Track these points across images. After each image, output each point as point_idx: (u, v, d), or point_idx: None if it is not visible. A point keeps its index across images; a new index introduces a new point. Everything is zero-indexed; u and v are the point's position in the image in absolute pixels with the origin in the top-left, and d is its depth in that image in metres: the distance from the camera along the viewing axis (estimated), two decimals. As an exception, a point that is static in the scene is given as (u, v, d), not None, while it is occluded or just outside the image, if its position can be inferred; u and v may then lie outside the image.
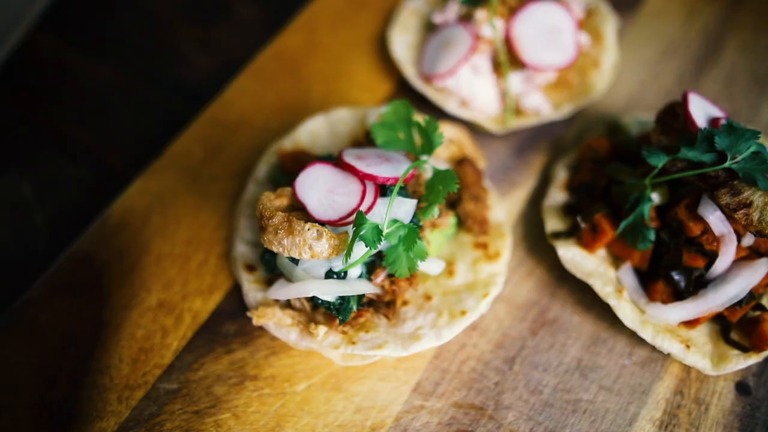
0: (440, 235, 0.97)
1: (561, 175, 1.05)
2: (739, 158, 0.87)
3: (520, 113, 1.12)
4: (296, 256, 0.83)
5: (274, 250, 0.84)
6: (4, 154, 1.21)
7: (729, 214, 0.86)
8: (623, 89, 1.20)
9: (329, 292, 0.86)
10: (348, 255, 0.82)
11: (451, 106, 1.12)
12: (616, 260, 0.97)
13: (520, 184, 1.10)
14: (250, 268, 0.97)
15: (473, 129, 1.13)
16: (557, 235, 0.99)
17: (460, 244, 0.99)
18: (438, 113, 1.14)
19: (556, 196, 1.03)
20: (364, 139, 1.03)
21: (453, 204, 1.00)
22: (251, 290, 0.95)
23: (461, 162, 1.02)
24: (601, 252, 0.98)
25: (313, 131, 1.07)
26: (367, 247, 0.82)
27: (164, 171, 1.11)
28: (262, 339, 0.96)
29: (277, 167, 1.03)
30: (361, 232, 0.81)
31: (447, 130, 1.05)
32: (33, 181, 1.19)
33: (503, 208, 1.04)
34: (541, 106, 1.11)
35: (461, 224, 1.00)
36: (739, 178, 0.87)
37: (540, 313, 0.98)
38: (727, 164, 0.87)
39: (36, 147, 1.22)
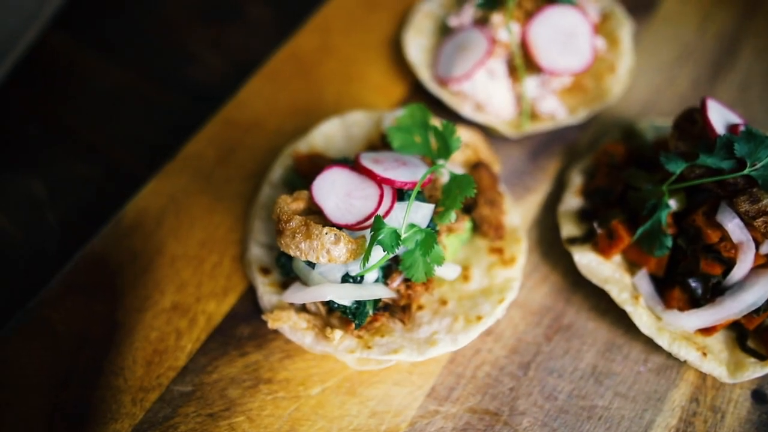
0: (456, 239, 0.96)
1: (576, 180, 1.05)
2: (759, 165, 0.86)
3: (536, 117, 1.11)
4: (313, 260, 0.83)
5: (291, 253, 0.84)
6: (16, 154, 1.21)
7: (748, 221, 0.86)
8: (638, 94, 1.20)
9: (346, 296, 0.85)
10: (366, 259, 0.81)
11: (466, 110, 1.11)
12: (632, 266, 0.97)
13: (534, 189, 1.10)
14: (265, 270, 0.97)
15: (488, 133, 1.13)
16: (573, 241, 0.99)
17: (476, 248, 0.99)
18: (453, 117, 1.14)
19: (572, 201, 1.03)
20: (380, 143, 1.03)
21: (468, 208, 0.99)
22: (266, 293, 0.94)
23: (476, 166, 1.02)
24: (617, 258, 0.97)
25: (327, 134, 1.07)
26: (385, 251, 0.81)
27: (178, 172, 1.10)
28: (276, 342, 0.95)
29: (292, 170, 1.03)
30: (380, 237, 0.80)
31: (462, 134, 1.04)
32: (45, 181, 1.19)
33: (518, 213, 1.04)
34: (557, 110, 1.10)
35: (476, 229, 1.00)
36: (758, 185, 0.87)
37: (555, 318, 0.98)
38: (746, 171, 0.87)
39: (48, 147, 1.22)
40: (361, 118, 1.08)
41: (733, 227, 0.87)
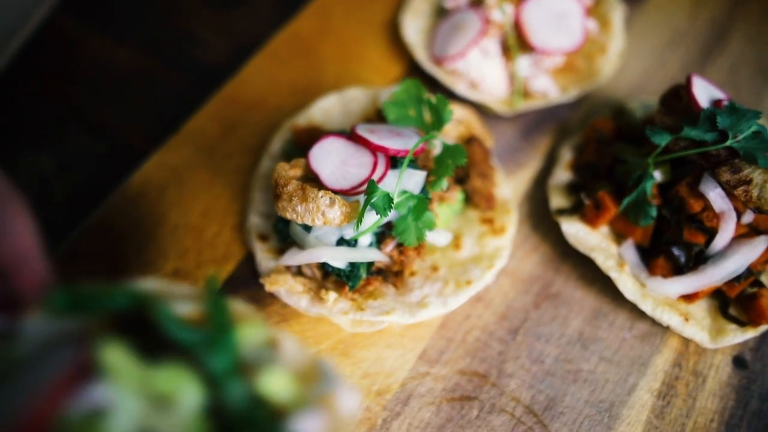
0: (448, 209, 1.00)
1: (566, 155, 1.08)
2: (740, 137, 0.90)
3: (528, 96, 1.15)
4: (309, 223, 0.86)
5: (288, 217, 0.87)
6: (25, 131, 1.25)
7: (729, 191, 0.89)
8: (629, 76, 1.23)
9: (340, 258, 0.89)
10: (359, 222, 0.85)
11: (460, 88, 1.15)
12: (619, 237, 1.00)
13: (526, 165, 1.13)
14: (263, 237, 1.00)
15: (482, 111, 1.16)
16: (561, 212, 1.02)
17: (468, 219, 1.02)
18: (448, 95, 1.17)
19: (562, 175, 1.06)
20: (376, 117, 1.06)
21: (461, 181, 1.03)
22: (264, 259, 0.98)
23: (469, 141, 1.05)
24: (604, 229, 1.00)
25: (326, 109, 1.10)
26: (377, 214, 0.85)
27: (181, 146, 1.14)
28: (273, 306, 0.99)
29: (291, 142, 1.07)
30: (373, 200, 0.84)
31: (456, 111, 1.08)
32: (53, 157, 1.22)
33: (509, 187, 1.07)
34: (549, 89, 1.14)
35: (469, 200, 1.03)
36: (739, 156, 0.90)
37: (543, 287, 1.01)
38: (728, 143, 0.90)
39: (56, 125, 1.25)
40: (359, 94, 1.12)
41: (715, 196, 0.90)
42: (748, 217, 0.93)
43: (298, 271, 0.96)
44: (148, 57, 1.33)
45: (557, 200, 1.03)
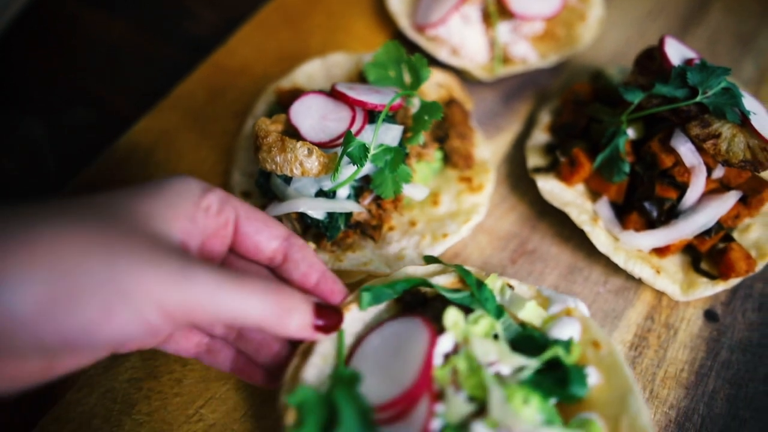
0: (426, 167, 1.02)
1: (544, 118, 1.10)
2: (710, 93, 0.92)
3: (508, 61, 1.17)
4: (288, 173, 0.88)
5: (268, 168, 0.90)
6: (18, 99, 1.28)
7: (699, 145, 0.91)
8: (609, 45, 1.25)
9: (318, 208, 0.91)
10: (336, 172, 0.87)
11: (442, 55, 1.17)
12: (594, 195, 1.02)
13: (506, 129, 1.15)
14: (246, 194, 1.03)
15: (463, 77, 1.19)
16: (538, 170, 1.04)
17: (446, 178, 1.05)
18: (430, 61, 1.19)
19: (539, 137, 1.08)
20: (358, 80, 1.08)
21: (441, 141, 1.05)
22: (247, 214, 1.00)
23: (449, 103, 1.08)
24: (580, 187, 1.03)
25: (309, 73, 1.13)
26: (354, 164, 0.87)
27: (169, 111, 1.17)
28: (255, 261, 1.01)
29: (275, 104, 1.09)
30: (349, 149, 0.86)
31: (437, 76, 1.10)
32: (45, 125, 1.25)
33: (489, 149, 1.09)
34: (528, 54, 1.16)
35: (448, 161, 1.05)
36: (709, 112, 0.92)
37: (520, 244, 1.03)
38: (698, 99, 0.92)
39: (49, 94, 1.28)
40: (342, 59, 1.14)
41: (686, 151, 0.92)
42: (719, 173, 0.95)
43: (279, 225, 0.98)
44: (141, 30, 1.36)
45: (534, 159, 1.06)
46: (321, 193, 0.93)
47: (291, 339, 0.78)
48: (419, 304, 0.79)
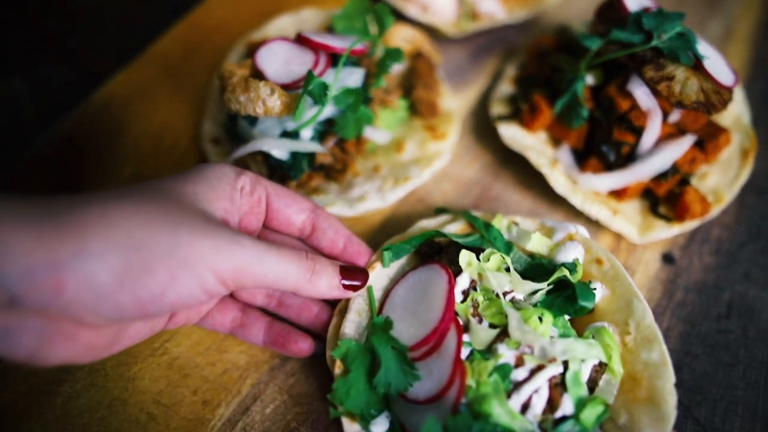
0: (391, 115, 1.04)
1: (510, 71, 1.13)
2: (665, 38, 0.94)
3: (477, 18, 1.20)
4: (251, 113, 0.91)
5: (233, 108, 0.92)
6: (0, 60, 1.31)
7: (654, 88, 0.93)
8: (577, 4, 1.28)
9: (280, 147, 0.93)
10: (298, 110, 0.89)
11: (412, 12, 1.20)
12: (556, 143, 1.04)
13: (473, 84, 1.18)
14: (216, 141, 1.05)
15: (433, 35, 1.21)
16: (501, 118, 1.06)
17: (412, 127, 1.07)
18: (400, 18, 1.22)
19: (504, 89, 1.11)
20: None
21: (407, 92, 1.07)
22: (215, 159, 1.03)
23: (417, 56, 1.10)
24: (543, 136, 1.05)
25: (281, 27, 1.16)
26: (315, 103, 0.89)
27: (144, 67, 1.20)
28: (224, 206, 1.03)
29: (245, 56, 1.12)
30: (309, 87, 0.88)
31: (405, 32, 1.13)
32: (26, 82, 1.28)
33: (455, 102, 1.12)
34: (495, 10, 1.18)
35: (414, 111, 1.07)
36: (664, 56, 0.94)
37: (483, 190, 1.06)
38: (653, 43, 0.94)
39: (30, 52, 1.32)
40: (313, 15, 1.17)
41: (641, 94, 0.95)
42: (675, 117, 0.97)
43: (246, 170, 1.00)
44: (122, -6, 1.39)
45: (498, 109, 1.08)
46: (285, 135, 0.95)
47: (325, 298, 0.86)
48: (435, 252, 0.87)
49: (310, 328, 0.89)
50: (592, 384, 0.79)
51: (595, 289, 0.83)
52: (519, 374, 0.74)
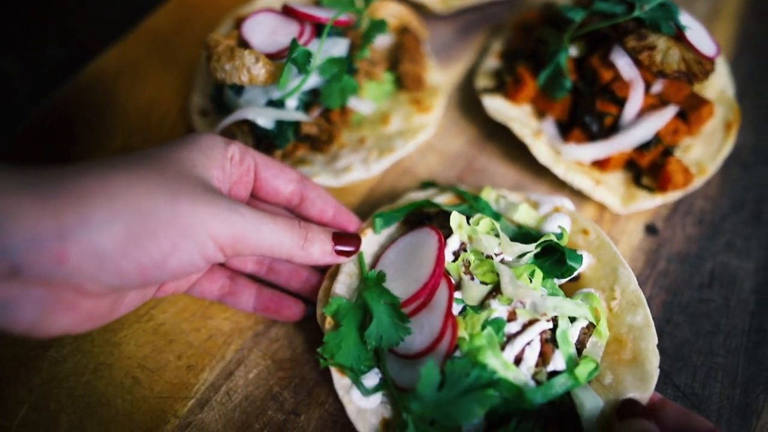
0: (377, 88, 1.05)
1: (496, 46, 1.13)
2: (647, 8, 0.94)
3: (464, -6, 1.20)
4: (237, 81, 0.92)
5: (218, 76, 0.93)
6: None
7: (636, 57, 0.94)
8: (566, -17, 1.28)
9: (265, 115, 0.94)
10: (282, 78, 0.90)
11: (400, -12, 1.21)
12: (541, 116, 1.05)
13: (460, 60, 1.19)
14: (203, 113, 1.06)
15: (421, 12, 1.22)
16: (486, 91, 1.07)
17: (398, 101, 1.08)
18: (389, -3, 1.23)
19: (490, 63, 1.11)
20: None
21: (393, 66, 1.08)
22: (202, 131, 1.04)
23: (403, 31, 1.11)
24: (527, 108, 1.05)
25: (270, 2, 1.16)
26: (299, 71, 0.90)
27: (136, 42, 1.21)
28: (211, 177, 1.04)
29: (234, 29, 1.12)
30: (293, 55, 0.89)
31: (392, 7, 1.14)
32: (18, 60, 1.30)
33: (442, 77, 1.13)
34: (483, -14, 1.19)
35: (400, 85, 1.08)
36: (646, 26, 0.95)
37: (468, 162, 1.06)
38: (635, 14, 0.95)
39: (22, 30, 1.33)
40: (301, -9, 1.17)
41: (623, 64, 0.95)
42: (657, 88, 0.97)
43: (233, 138, 1.01)
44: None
45: (483, 82, 1.09)
46: (270, 104, 0.96)
47: (318, 265, 0.87)
48: (425, 220, 0.89)
49: (299, 292, 0.91)
50: (580, 345, 0.80)
51: (582, 256, 0.84)
52: (512, 328, 0.76)
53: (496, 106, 1.04)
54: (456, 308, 0.78)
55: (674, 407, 0.73)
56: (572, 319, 0.80)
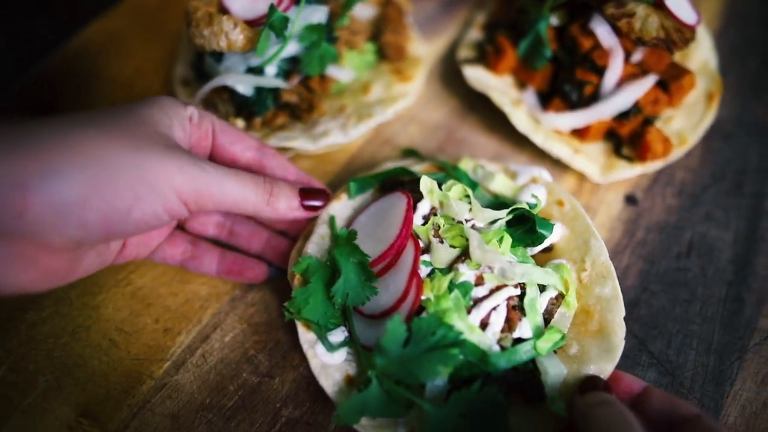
0: (359, 58, 1.05)
1: (479, 18, 1.13)
2: (627, -24, 0.94)
3: (449, -32, 1.20)
4: (215, 47, 0.92)
5: (198, 43, 0.93)
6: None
7: (615, 25, 0.93)
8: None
9: (244, 82, 0.95)
10: (260, 44, 0.90)
11: (384, -38, 1.20)
12: (522, 87, 1.05)
13: (443, 34, 1.19)
14: (185, 83, 1.07)
15: (407, -14, 1.22)
16: (467, 61, 1.07)
17: (380, 72, 1.08)
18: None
19: (473, 35, 1.11)
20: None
21: (375, 37, 1.08)
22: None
23: (386, 2, 1.11)
24: (509, 80, 1.05)
25: (253, -26, 1.16)
26: (276, 36, 0.90)
27: (121, 15, 1.21)
28: (192, 146, 1.05)
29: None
30: (271, 20, 0.89)
31: (378, -20, 1.14)
32: (6, 36, 1.30)
33: (425, 49, 1.13)
34: (467, -40, 1.19)
35: (382, 55, 1.08)
36: (626, -6, 0.94)
37: (449, 133, 1.06)
38: (615, -18, 0.94)
39: (9, 6, 1.33)
40: (286, -37, 1.17)
41: (603, 32, 0.95)
42: (638, 57, 0.97)
43: (213, 108, 1.02)
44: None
45: (465, 53, 1.08)
46: (250, 71, 0.96)
47: (287, 219, 0.88)
48: (399, 186, 0.88)
49: (261, 254, 0.91)
50: (548, 315, 0.80)
51: (554, 225, 0.84)
52: (479, 292, 0.76)
53: (476, 75, 1.04)
54: (424, 271, 0.78)
55: (659, 394, 0.72)
56: (542, 290, 0.80)
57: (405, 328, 0.71)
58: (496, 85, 1.03)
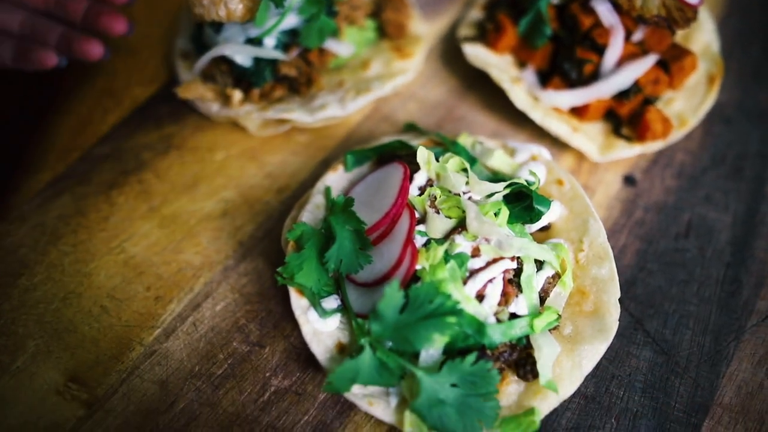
0: (359, 34, 1.05)
1: (481, -1, 1.13)
2: (622, -48, 0.94)
3: (451, -51, 1.20)
4: (214, 17, 0.92)
5: (197, 12, 0.93)
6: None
7: (616, 2, 0.93)
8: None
9: (242, 52, 0.95)
10: (259, 14, 0.90)
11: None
12: (522, 66, 1.04)
13: (445, 13, 1.18)
14: (185, 56, 1.07)
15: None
16: (467, 39, 1.06)
17: (380, 49, 1.07)
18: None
19: (474, 14, 1.11)
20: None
21: (375, 14, 1.08)
22: (183, 73, 1.04)
23: (388, -20, 1.11)
24: (509, 59, 1.05)
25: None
26: (275, 6, 0.90)
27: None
28: (191, 118, 1.05)
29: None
30: (269, -11, 0.89)
31: (380, -42, 1.13)
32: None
33: (426, 28, 1.12)
34: (471, -59, 1.18)
35: (382, 33, 1.08)
36: (628, -28, 0.94)
37: (448, 111, 1.06)
38: (618, -41, 0.94)
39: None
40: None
41: (604, 10, 0.94)
42: (638, 36, 0.96)
43: (211, 80, 1.02)
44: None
45: (465, 31, 1.08)
46: (249, 42, 0.96)
47: None
48: (396, 158, 0.87)
49: (86, 25, 0.94)
50: (544, 294, 0.79)
51: (552, 203, 0.83)
52: (475, 263, 0.75)
53: (475, 52, 1.03)
54: (420, 240, 0.77)
55: None
56: (539, 269, 0.79)
57: (402, 294, 0.71)
58: (495, 62, 1.02)
